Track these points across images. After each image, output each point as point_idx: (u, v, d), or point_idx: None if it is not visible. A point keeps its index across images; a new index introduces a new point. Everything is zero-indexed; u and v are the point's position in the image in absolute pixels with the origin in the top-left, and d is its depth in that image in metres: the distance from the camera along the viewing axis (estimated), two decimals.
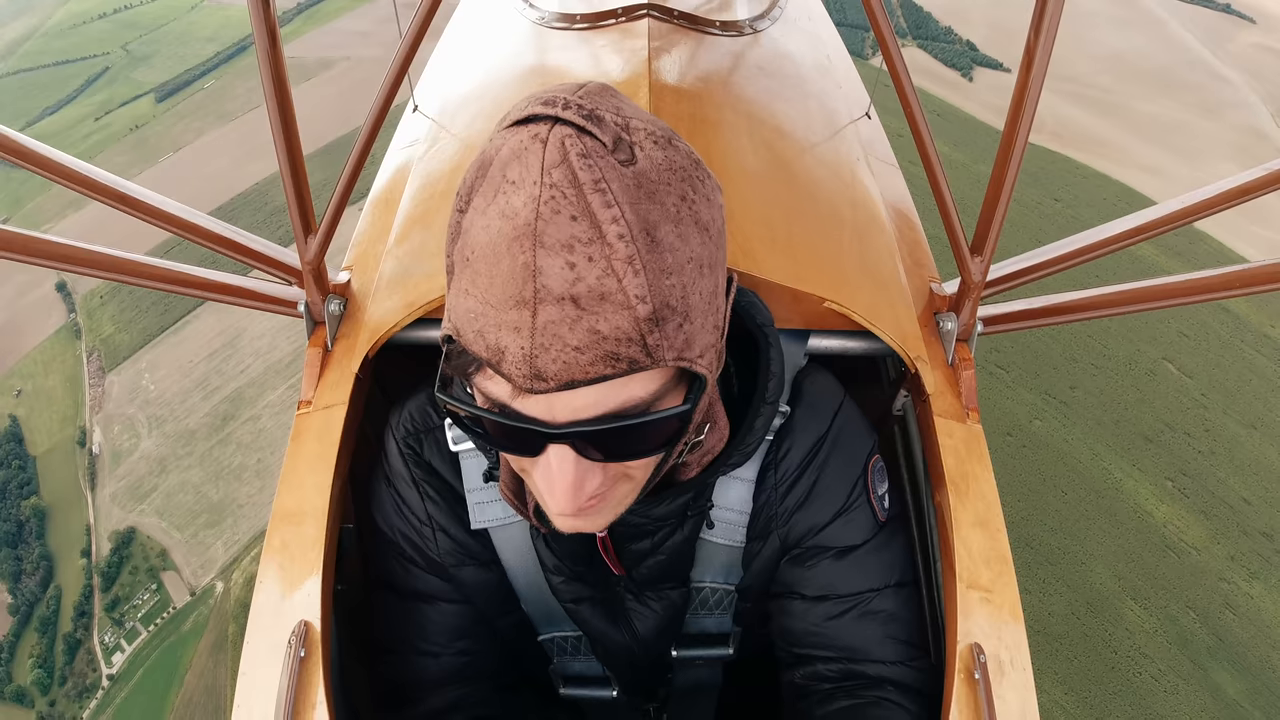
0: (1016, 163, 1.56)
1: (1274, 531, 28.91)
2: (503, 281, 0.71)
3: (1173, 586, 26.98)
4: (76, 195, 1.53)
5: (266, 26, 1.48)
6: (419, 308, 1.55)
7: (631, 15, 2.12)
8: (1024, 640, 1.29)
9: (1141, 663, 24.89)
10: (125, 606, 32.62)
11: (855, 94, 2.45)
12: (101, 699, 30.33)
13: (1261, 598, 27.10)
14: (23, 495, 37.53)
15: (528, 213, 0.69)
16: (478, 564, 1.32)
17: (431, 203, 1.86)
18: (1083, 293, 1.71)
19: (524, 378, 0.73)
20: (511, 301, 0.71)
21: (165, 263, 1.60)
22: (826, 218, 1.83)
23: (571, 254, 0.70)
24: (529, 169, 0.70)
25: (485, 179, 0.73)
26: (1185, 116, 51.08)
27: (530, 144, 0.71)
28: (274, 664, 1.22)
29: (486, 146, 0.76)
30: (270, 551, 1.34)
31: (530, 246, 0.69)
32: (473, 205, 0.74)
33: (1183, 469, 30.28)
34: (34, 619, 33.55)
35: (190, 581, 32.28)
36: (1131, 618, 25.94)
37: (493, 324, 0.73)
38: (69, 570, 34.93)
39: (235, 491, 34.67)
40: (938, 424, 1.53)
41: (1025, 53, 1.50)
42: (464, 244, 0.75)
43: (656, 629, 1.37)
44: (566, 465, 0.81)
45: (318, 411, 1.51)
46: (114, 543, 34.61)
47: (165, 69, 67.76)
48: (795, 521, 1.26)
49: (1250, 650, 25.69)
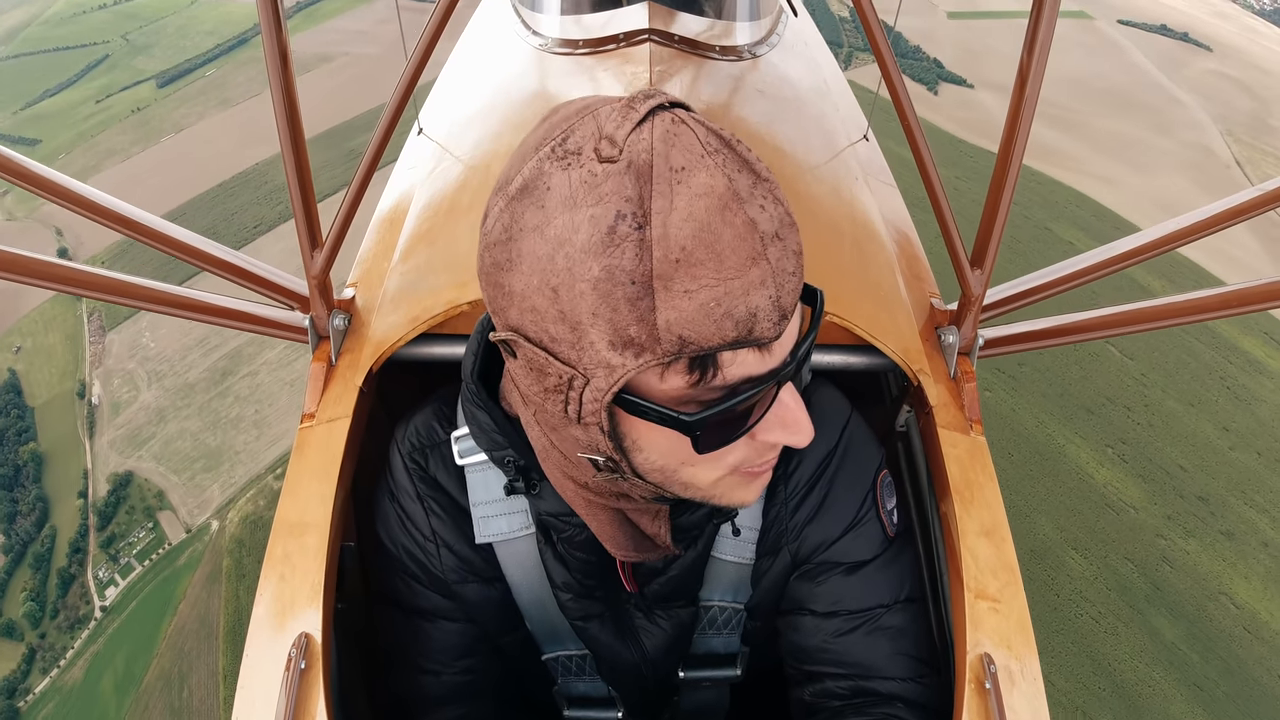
0: (1014, 176, 1.58)
1: (1209, 496, 30.20)
2: (732, 249, 0.72)
3: (1112, 540, 28.20)
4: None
5: (278, 49, 1.51)
6: (423, 323, 1.56)
7: (633, 41, 2.15)
8: (1034, 650, 1.28)
9: (1082, 605, 26.08)
10: (120, 544, 32.88)
11: (853, 117, 2.51)
12: (94, 629, 30.50)
13: (1197, 554, 28.31)
14: (20, 442, 37.64)
15: (719, 180, 0.72)
16: (481, 580, 1.31)
17: (436, 221, 1.89)
18: (1082, 314, 1.72)
19: (774, 325, 0.75)
20: (749, 261, 0.72)
21: (170, 287, 1.60)
22: (827, 234, 1.84)
23: (758, 200, 0.74)
24: (691, 148, 0.73)
25: (651, 181, 0.72)
26: (1140, 133, 54.04)
27: (672, 127, 0.74)
28: (273, 676, 1.21)
29: (619, 157, 0.73)
30: (272, 562, 1.33)
31: (738, 206, 0.72)
32: (654, 210, 0.71)
33: (1122, 438, 31.70)
34: (28, 556, 33.65)
35: (186, 521, 32.68)
36: (1073, 566, 27.17)
37: (739, 293, 0.72)
38: (65, 511, 35.09)
39: (232, 439, 35.24)
40: (941, 436, 1.52)
41: (1019, 71, 1.54)
42: (665, 249, 0.71)
43: (665, 647, 1.37)
44: (794, 392, 0.85)
45: (321, 425, 1.51)
46: (111, 484, 34.92)
47: (165, 58, 68.60)
48: (806, 536, 1.26)
49: (1186, 599, 26.75)
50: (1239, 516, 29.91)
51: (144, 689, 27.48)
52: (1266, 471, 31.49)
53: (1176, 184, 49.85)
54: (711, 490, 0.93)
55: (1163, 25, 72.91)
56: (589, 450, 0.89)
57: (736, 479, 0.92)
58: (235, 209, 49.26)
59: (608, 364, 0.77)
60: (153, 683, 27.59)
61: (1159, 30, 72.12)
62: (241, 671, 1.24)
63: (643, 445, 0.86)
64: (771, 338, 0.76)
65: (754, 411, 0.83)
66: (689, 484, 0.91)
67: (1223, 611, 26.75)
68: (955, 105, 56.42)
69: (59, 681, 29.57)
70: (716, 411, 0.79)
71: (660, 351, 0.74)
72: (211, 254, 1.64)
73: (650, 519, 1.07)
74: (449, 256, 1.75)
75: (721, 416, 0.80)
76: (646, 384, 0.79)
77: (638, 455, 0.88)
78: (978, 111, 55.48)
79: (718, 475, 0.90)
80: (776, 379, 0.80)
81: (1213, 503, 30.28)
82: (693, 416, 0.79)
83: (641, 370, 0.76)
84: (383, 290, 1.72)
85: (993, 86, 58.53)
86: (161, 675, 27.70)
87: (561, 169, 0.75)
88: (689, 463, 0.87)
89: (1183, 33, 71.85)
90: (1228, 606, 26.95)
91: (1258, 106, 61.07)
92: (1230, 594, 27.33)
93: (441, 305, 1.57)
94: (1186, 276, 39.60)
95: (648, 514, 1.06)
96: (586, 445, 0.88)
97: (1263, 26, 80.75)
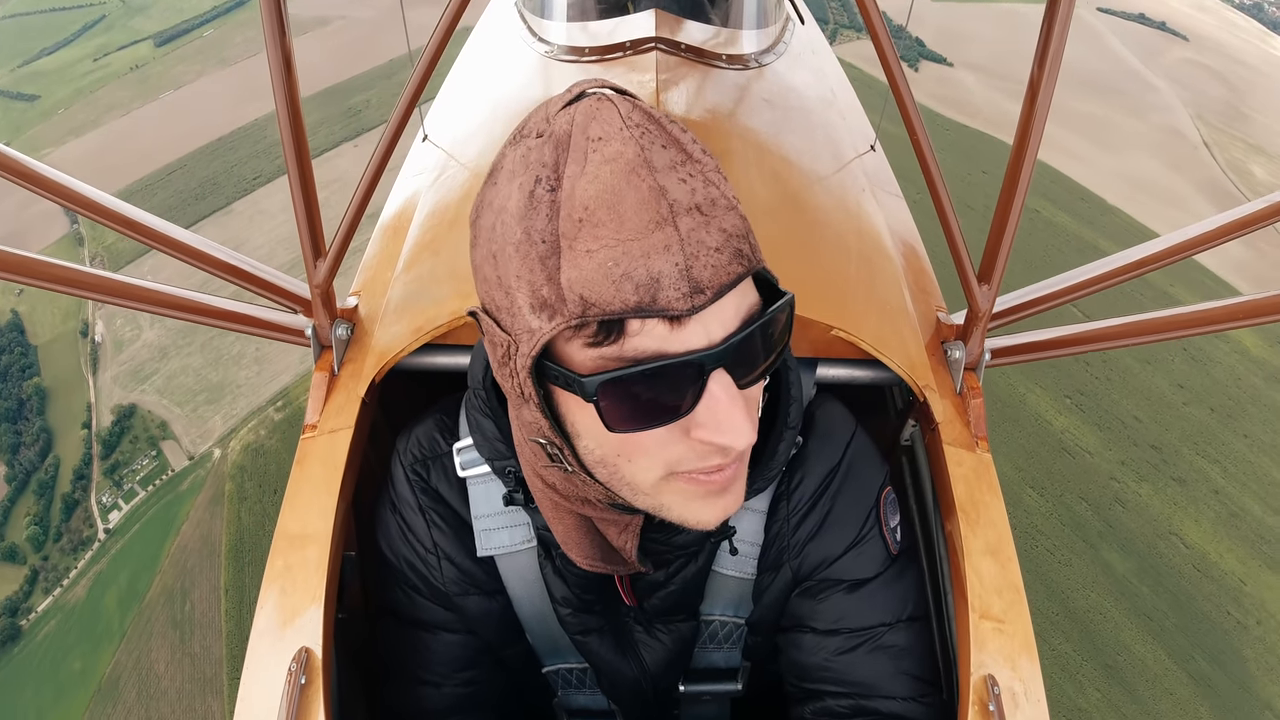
0: (1022, 193, 1.57)
1: (1162, 445, 30.99)
2: (634, 212, 0.72)
3: (1067, 480, 28.97)
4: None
5: (282, 54, 1.51)
6: (426, 333, 1.55)
7: (639, 48, 2.15)
8: (1038, 672, 1.26)
9: (1037, 538, 26.86)
10: (124, 470, 33.70)
11: (860, 127, 2.50)
12: (97, 550, 31.30)
13: (1150, 496, 29.15)
14: (24, 377, 38.26)
15: (631, 149, 0.74)
16: (482, 593, 1.30)
17: (440, 230, 1.87)
18: (1089, 325, 1.70)
19: (684, 297, 0.73)
20: (652, 224, 0.72)
21: (173, 289, 1.60)
22: (833, 247, 1.83)
23: (677, 173, 0.75)
24: (610, 121, 0.76)
25: (569, 149, 0.76)
26: (1112, 115, 55.54)
27: (598, 105, 0.77)
28: (274, 690, 1.20)
29: (543, 129, 0.79)
30: (273, 575, 1.33)
31: (648, 173, 0.73)
32: (565, 174, 0.75)
33: (1080, 389, 32.49)
34: (31, 484, 34.37)
35: (189, 449, 33.55)
36: (1029, 501, 27.98)
37: (639, 255, 0.72)
38: (69, 442, 35.86)
39: (234, 374, 36.02)
40: (947, 453, 1.50)
41: (1030, 85, 1.52)
42: (570, 209, 0.73)
43: (665, 661, 1.36)
44: (733, 389, 0.79)
45: (323, 435, 1.50)
46: (115, 415, 35.82)
47: (162, 19, 68.58)
48: (808, 553, 1.25)
49: (1138, 538, 27.49)
50: (1190, 465, 30.99)
51: (147, 603, 28.31)
52: (1219, 426, 32.83)
53: (1145, 163, 51.47)
54: (657, 497, 0.89)
55: (1141, 14, 74.70)
56: (536, 433, 0.89)
57: (682, 486, 0.88)
58: (234, 162, 49.89)
59: (529, 328, 0.78)
60: (155, 598, 28.41)
61: (1137, 19, 73.91)
62: (241, 684, 1.24)
63: (580, 430, 0.86)
64: (681, 310, 0.73)
65: (672, 398, 0.79)
66: (632, 484, 0.88)
67: (1173, 550, 27.80)
68: (934, 83, 57.98)
69: (61, 600, 30.32)
70: (612, 376, 0.76)
71: (568, 313, 0.74)
72: (215, 257, 1.63)
73: (618, 531, 1.05)
74: (453, 266, 1.73)
75: (624, 389, 0.77)
76: (566, 352, 0.79)
77: (579, 442, 0.87)
78: (956, 89, 56.92)
79: (657, 476, 0.86)
80: (699, 364, 0.77)
81: (1165, 451, 31.29)
82: (589, 377, 0.77)
83: (556, 333, 0.76)
84: (386, 299, 1.71)
85: (971, 66, 60.01)
86: (164, 591, 28.51)
87: (512, 150, 0.82)
88: (625, 455, 0.85)
89: (1160, 22, 73.63)
90: (1178, 546, 28.00)
91: (1230, 94, 62.91)
92: (1180, 535, 28.36)
93: (445, 315, 1.55)
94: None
95: (615, 525, 1.04)
96: (533, 426, 0.88)
97: (1242, 20, 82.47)
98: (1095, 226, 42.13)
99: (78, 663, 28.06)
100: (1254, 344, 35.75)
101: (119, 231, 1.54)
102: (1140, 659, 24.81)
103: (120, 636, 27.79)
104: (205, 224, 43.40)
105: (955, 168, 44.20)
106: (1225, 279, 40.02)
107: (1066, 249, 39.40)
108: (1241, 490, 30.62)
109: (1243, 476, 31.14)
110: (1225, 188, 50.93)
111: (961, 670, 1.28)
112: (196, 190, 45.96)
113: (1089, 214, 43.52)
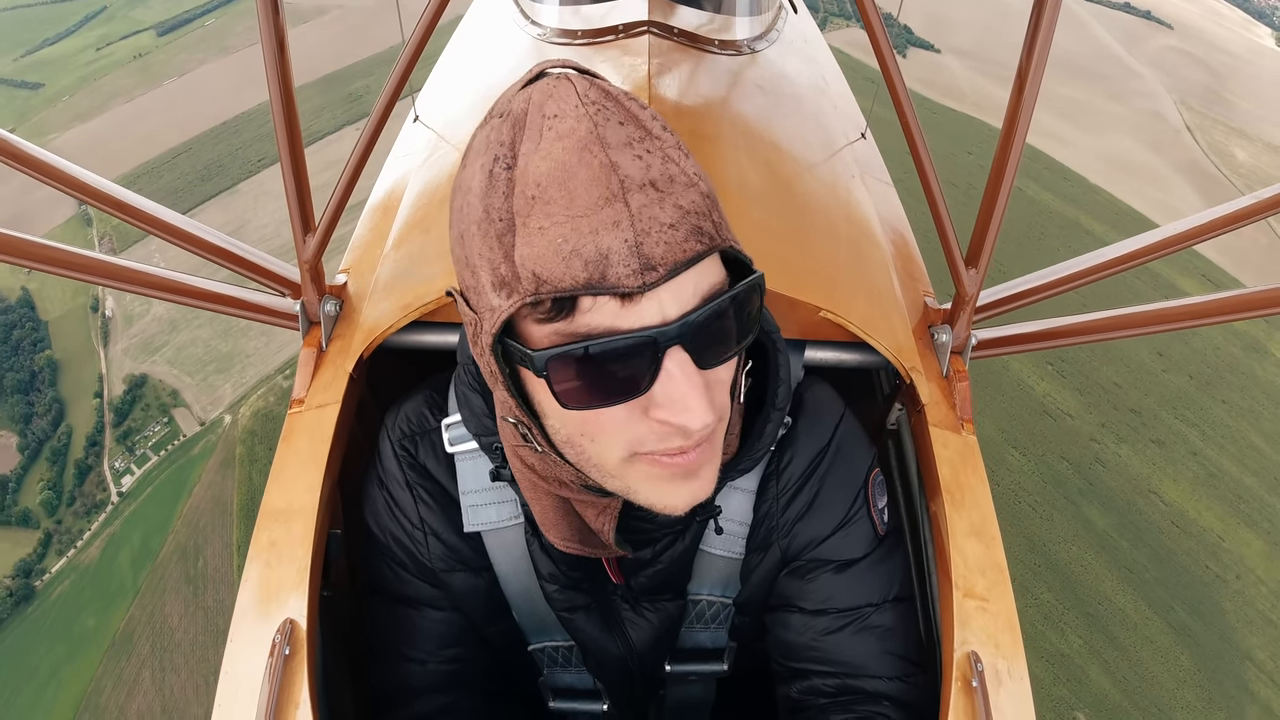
0: (1010, 178, 1.57)
1: (1141, 409, 31.57)
2: (584, 188, 0.73)
3: (1049, 441, 29.42)
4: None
5: (275, 35, 1.52)
6: (415, 309, 1.55)
7: (632, 32, 2.16)
8: (1021, 651, 1.27)
9: (1020, 494, 27.34)
10: (136, 437, 34.27)
11: (851, 114, 2.53)
12: (110, 513, 31.88)
13: (1129, 457, 29.66)
14: (35, 350, 38.72)
15: (584, 126, 0.74)
16: (469, 570, 1.30)
17: (430, 209, 1.87)
18: (1075, 318, 1.73)
19: (634, 273, 0.72)
20: (601, 201, 0.72)
21: (162, 271, 1.61)
22: (822, 232, 1.84)
23: (633, 149, 0.75)
24: (566, 99, 0.76)
25: (525, 127, 0.76)
26: (1094, 99, 56.44)
27: (556, 84, 0.78)
28: (257, 662, 1.19)
29: (505, 109, 0.80)
30: (257, 549, 1.32)
31: (600, 149, 0.73)
32: (521, 152, 0.75)
33: (1061, 356, 32.63)
34: (44, 451, 34.82)
35: (200, 416, 34.29)
36: (1012, 461, 28.39)
37: (588, 232, 0.72)
38: (81, 411, 36.38)
39: (243, 345, 36.65)
40: (933, 434, 1.51)
41: (1018, 76, 1.54)
42: (524, 186, 0.74)
43: (652, 640, 1.35)
44: (690, 368, 0.78)
45: (310, 410, 1.50)
46: (127, 385, 36.43)
47: (163, 9, 68.88)
48: (797, 532, 1.25)
49: (1118, 495, 27.97)
50: (1169, 428, 31.67)
51: (160, 561, 28.92)
52: (1197, 392, 33.57)
53: (1126, 144, 52.37)
54: (624, 479, 0.89)
55: (1126, 3, 75.88)
56: (508, 412, 0.90)
57: (646, 468, 0.87)
58: (239, 145, 50.53)
59: (491, 306, 0.78)
60: (169, 555, 29.06)
61: (1122, 7, 75.08)
62: (224, 657, 1.23)
63: (546, 409, 0.86)
64: (632, 287, 0.72)
65: (626, 376, 0.78)
66: (599, 465, 0.88)
67: (1152, 507, 28.34)
68: (922, 68, 58.87)
69: (75, 561, 30.82)
70: (559, 351, 0.76)
71: (523, 290, 0.75)
72: (204, 239, 1.63)
73: (595, 513, 1.05)
74: (443, 244, 1.66)
75: (575, 367, 0.77)
76: (525, 330, 0.80)
77: (546, 422, 0.88)
78: (943, 74, 57.59)
79: (620, 455, 0.86)
80: (651, 341, 0.76)
81: (1145, 415, 31.95)
82: (538, 351, 0.77)
83: (514, 310, 0.76)
84: (375, 277, 1.70)
85: (957, 52, 60.65)
86: (178, 549, 29.16)
87: (481, 130, 0.83)
88: (588, 435, 0.85)
89: (1145, 10, 74.58)
90: (1157, 503, 28.54)
91: (1212, 80, 63.84)
92: (1159, 493, 28.91)
93: (435, 293, 1.55)
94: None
95: (593, 507, 1.04)
96: (504, 405, 0.90)
97: (1226, 9, 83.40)
98: (1078, 204, 43.13)
99: (91, 620, 28.57)
100: None
101: (114, 215, 1.56)
102: (1120, 609, 25.27)
103: (134, 593, 28.31)
104: (211, 204, 43.85)
105: (942, 149, 44.67)
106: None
107: (1050, 225, 40.12)
108: (1219, 453, 31.27)
109: (1220, 440, 31.80)
110: (1206, 169, 51.82)
111: (945, 648, 1.30)
112: (202, 172, 46.46)
113: (1072, 193, 44.55)
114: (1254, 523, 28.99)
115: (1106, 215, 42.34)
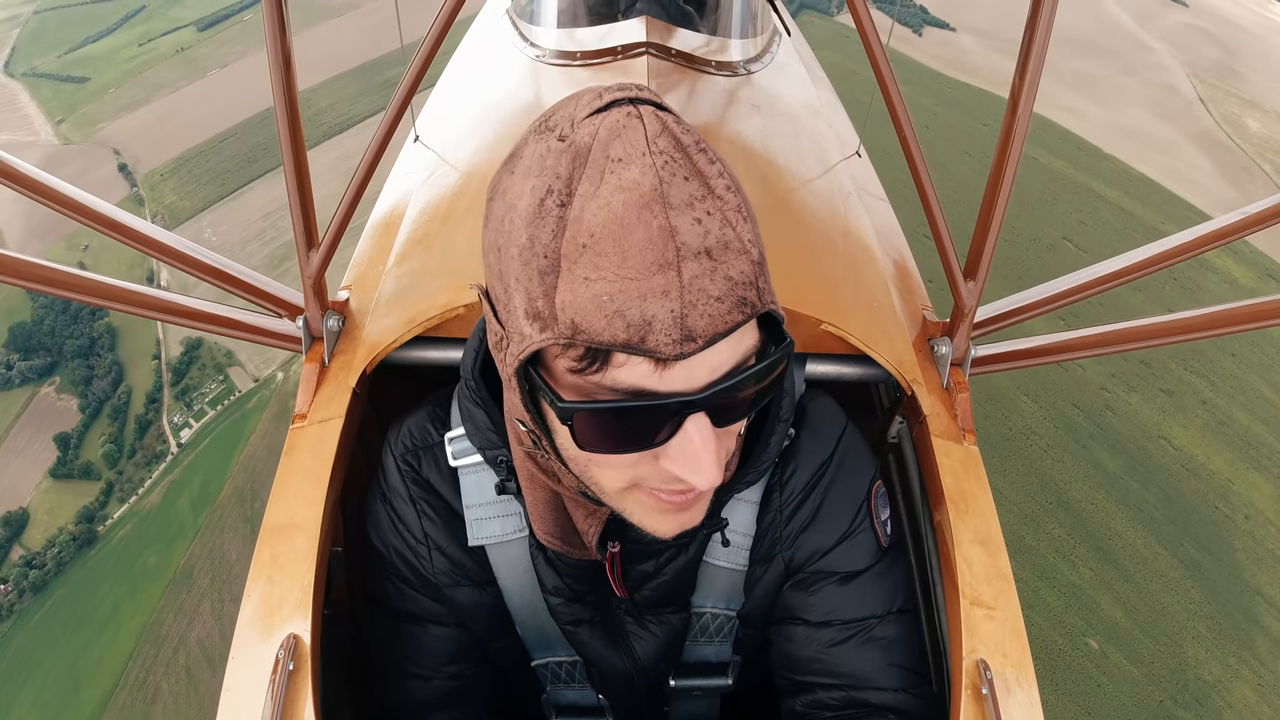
0: (1007, 188, 1.58)
1: (1151, 360, 31.26)
2: (639, 250, 0.71)
3: (1060, 389, 29.26)
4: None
5: (282, 53, 1.54)
6: (418, 325, 1.56)
7: (630, 54, 2.18)
8: (1029, 659, 1.27)
9: (1031, 438, 27.22)
10: (193, 394, 35.53)
11: (845, 134, 2.58)
12: (170, 463, 33.00)
13: (1139, 404, 29.46)
14: (94, 318, 39.74)
15: (649, 180, 0.72)
16: (473, 584, 1.30)
17: (432, 225, 1.89)
18: (1073, 333, 1.75)
19: (674, 343, 0.72)
20: (655, 267, 0.71)
21: (164, 294, 1.62)
22: (820, 247, 1.86)
23: (694, 211, 0.72)
24: (634, 143, 0.73)
25: (587, 164, 0.73)
26: (1107, 73, 55.95)
27: (626, 121, 0.74)
28: (260, 678, 1.19)
29: (569, 134, 0.76)
30: (259, 565, 1.31)
31: (661, 210, 0.71)
32: (578, 193, 0.73)
33: (1073, 311, 30.53)
34: (105, 409, 36.00)
35: (254, 374, 35.72)
36: (1024, 407, 28.30)
37: (635, 296, 0.71)
38: (140, 373, 37.72)
39: None
40: (935, 444, 1.52)
41: (1011, 96, 1.56)
42: (576, 232, 0.72)
43: (656, 654, 1.36)
44: (707, 432, 0.79)
45: (312, 426, 1.50)
46: (184, 348, 37.97)
47: (200, 7, 69.70)
48: (800, 544, 1.26)
49: (1127, 440, 27.82)
50: (1178, 379, 31.56)
51: (219, 504, 30.15)
52: (1207, 345, 31.93)
53: (1139, 116, 52.20)
54: (620, 503, 0.91)
55: None
56: (519, 415, 0.90)
57: (644, 499, 0.90)
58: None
59: (521, 332, 0.78)
60: (227, 498, 30.34)
61: None
62: (227, 673, 1.22)
63: (555, 427, 0.86)
64: (669, 355, 0.72)
65: (646, 430, 0.80)
66: (599, 486, 0.90)
67: (1162, 451, 28.28)
68: (937, 45, 58.63)
69: (136, 507, 32.23)
70: (585, 407, 0.77)
71: (558, 332, 0.74)
72: (204, 261, 1.63)
73: (585, 515, 1.07)
74: (445, 261, 1.75)
75: (598, 419, 0.78)
76: (552, 364, 0.80)
77: (556, 438, 0.88)
78: (957, 50, 57.27)
79: (621, 485, 0.88)
80: (679, 406, 0.77)
81: (1155, 366, 31.76)
82: (565, 403, 0.78)
83: (545, 345, 0.76)
84: (377, 293, 1.71)
85: (971, 30, 60.49)
86: (235, 492, 30.47)
87: (535, 141, 0.79)
88: (595, 462, 0.86)
89: None
90: (1166, 448, 28.46)
91: (1226, 55, 63.26)
92: (1169, 438, 28.83)
93: (437, 308, 1.55)
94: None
95: (584, 509, 1.06)
96: (515, 410, 0.90)
97: None
98: (1091, 172, 43.48)
99: (153, 558, 29.70)
100: (1243, 274, 36.50)
101: (114, 238, 1.56)
102: (1131, 544, 25.41)
103: (194, 533, 29.43)
104: (258, 183, 44.83)
105: (958, 121, 45.51)
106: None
107: (1063, 191, 40.14)
108: (1229, 402, 31.37)
109: (1230, 390, 31.93)
110: (1219, 138, 51.62)
111: (953, 656, 1.30)
112: (248, 154, 47.29)
113: (1085, 161, 44.91)
114: (1264, 468, 29.00)
115: (1119, 181, 42.52)
